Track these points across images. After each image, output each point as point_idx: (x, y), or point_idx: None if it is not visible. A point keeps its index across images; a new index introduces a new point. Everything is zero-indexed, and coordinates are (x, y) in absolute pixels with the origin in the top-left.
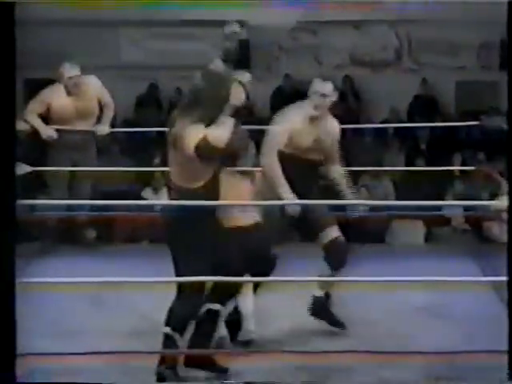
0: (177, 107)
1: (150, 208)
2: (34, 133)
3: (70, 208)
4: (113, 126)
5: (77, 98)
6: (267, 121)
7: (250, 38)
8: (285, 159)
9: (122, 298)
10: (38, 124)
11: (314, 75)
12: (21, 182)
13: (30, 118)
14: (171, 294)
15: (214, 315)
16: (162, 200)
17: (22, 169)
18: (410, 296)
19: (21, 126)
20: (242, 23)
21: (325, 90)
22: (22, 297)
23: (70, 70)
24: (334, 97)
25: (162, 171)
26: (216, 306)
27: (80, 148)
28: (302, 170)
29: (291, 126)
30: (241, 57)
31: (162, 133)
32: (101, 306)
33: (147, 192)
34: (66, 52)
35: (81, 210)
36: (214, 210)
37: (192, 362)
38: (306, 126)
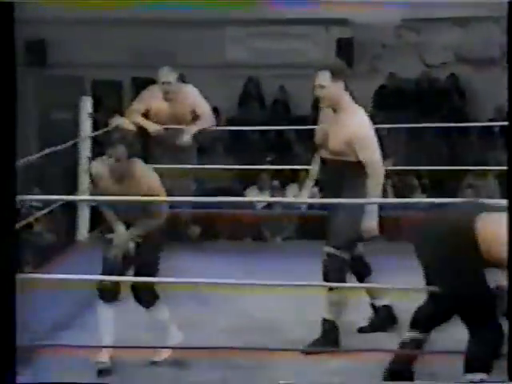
0: None
1: (253, 206)
2: (139, 132)
3: (173, 205)
4: (217, 124)
5: (172, 104)
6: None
7: (354, 35)
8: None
9: (225, 295)
10: (143, 122)
11: (418, 73)
12: None
13: (133, 118)
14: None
15: None
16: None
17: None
18: None
19: (129, 125)
20: (345, 22)
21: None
22: None
23: (165, 75)
24: None
25: (268, 170)
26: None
27: (179, 147)
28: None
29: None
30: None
31: (266, 131)
32: (204, 302)
33: (252, 190)
34: (173, 51)
35: (184, 208)
36: None
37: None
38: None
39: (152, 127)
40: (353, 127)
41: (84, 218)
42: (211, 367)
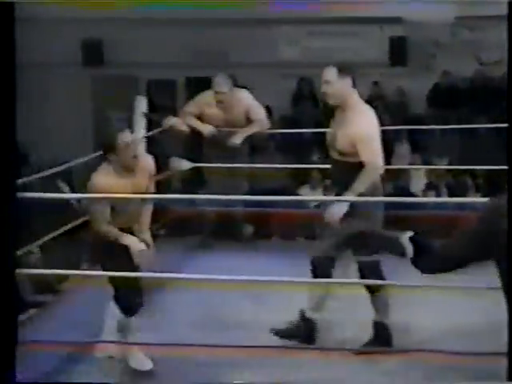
0: None
1: (306, 205)
2: (193, 133)
3: (226, 204)
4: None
5: (226, 111)
6: (424, 119)
7: (407, 34)
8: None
9: (278, 293)
10: (197, 124)
11: (472, 72)
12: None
13: (187, 120)
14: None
15: None
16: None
17: (186, 165)
18: None
19: (183, 127)
20: (399, 20)
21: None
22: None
23: (219, 85)
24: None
25: (319, 169)
26: None
27: (232, 148)
28: None
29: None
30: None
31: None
32: (258, 301)
33: (304, 189)
34: (226, 51)
35: (237, 207)
36: None
37: None
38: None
39: (205, 129)
40: (357, 127)
41: None
42: (262, 366)
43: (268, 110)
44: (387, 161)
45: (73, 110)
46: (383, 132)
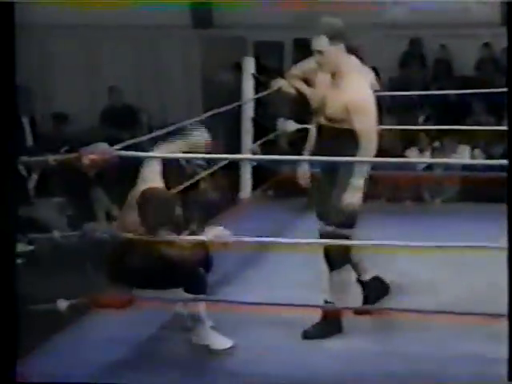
0: None
1: (413, 167)
2: (300, 95)
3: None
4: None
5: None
6: None
7: None
8: None
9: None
10: (303, 87)
11: None
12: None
13: (293, 82)
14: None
15: None
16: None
17: (293, 126)
18: None
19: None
20: None
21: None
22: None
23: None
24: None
25: (428, 130)
26: None
27: None
28: None
29: None
30: None
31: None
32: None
33: (412, 151)
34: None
35: None
36: None
37: None
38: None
39: (311, 92)
40: (351, 93)
41: (246, 176)
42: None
43: (375, 70)
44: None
45: (182, 71)
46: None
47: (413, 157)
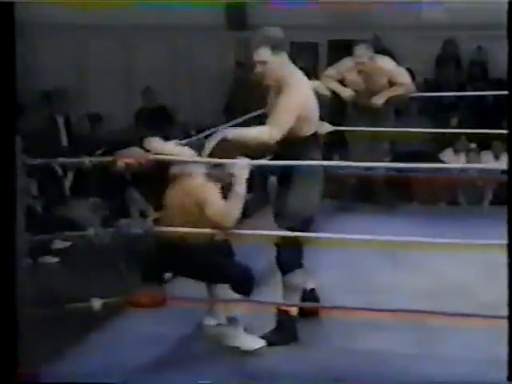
0: None
1: (448, 171)
2: (335, 96)
3: (367, 168)
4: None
5: (367, 78)
6: None
7: None
8: None
9: (417, 257)
10: (336, 87)
11: None
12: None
13: (327, 83)
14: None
15: None
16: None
17: (327, 128)
18: None
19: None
20: None
21: None
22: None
23: (360, 56)
24: None
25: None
26: None
27: (375, 110)
28: None
29: None
30: None
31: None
32: (396, 264)
33: (447, 153)
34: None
35: (379, 171)
36: None
37: None
38: None
39: (345, 92)
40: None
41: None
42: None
43: (410, 72)
44: None
45: (215, 73)
46: None
47: (448, 159)
